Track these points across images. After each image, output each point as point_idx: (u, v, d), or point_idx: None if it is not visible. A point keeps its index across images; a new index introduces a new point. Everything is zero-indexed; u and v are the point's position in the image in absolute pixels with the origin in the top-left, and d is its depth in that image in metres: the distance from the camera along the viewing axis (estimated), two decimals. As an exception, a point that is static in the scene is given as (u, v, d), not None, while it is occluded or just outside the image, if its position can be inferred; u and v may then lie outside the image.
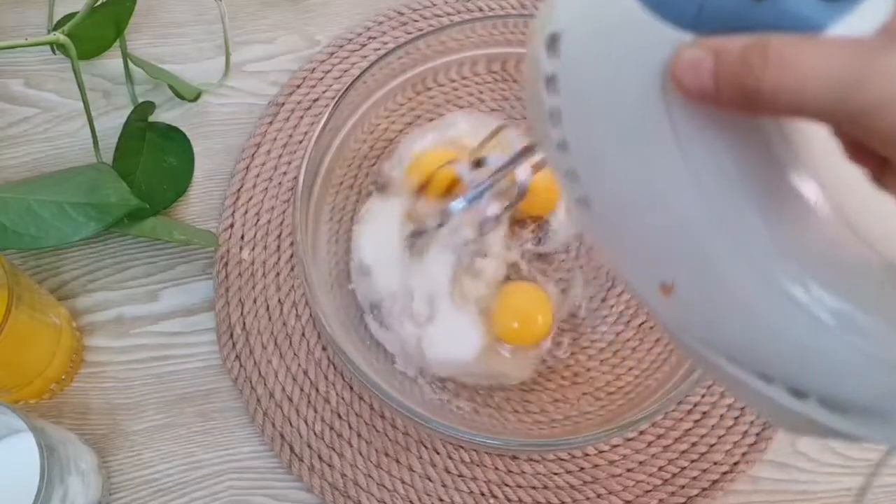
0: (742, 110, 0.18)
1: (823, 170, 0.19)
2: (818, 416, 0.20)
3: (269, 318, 0.45)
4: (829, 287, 0.19)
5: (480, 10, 0.53)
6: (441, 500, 0.42)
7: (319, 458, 0.43)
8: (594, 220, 0.22)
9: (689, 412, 0.44)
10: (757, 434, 0.43)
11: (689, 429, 0.43)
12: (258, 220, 0.47)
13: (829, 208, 0.19)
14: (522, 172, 0.37)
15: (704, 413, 0.44)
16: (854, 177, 0.19)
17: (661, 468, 0.42)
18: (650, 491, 0.42)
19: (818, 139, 0.19)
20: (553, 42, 0.21)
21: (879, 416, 0.19)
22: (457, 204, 0.39)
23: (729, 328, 0.20)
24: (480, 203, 0.39)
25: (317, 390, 0.44)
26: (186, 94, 0.49)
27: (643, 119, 0.19)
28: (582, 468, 0.43)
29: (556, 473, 0.43)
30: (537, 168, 0.37)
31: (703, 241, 0.19)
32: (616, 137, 0.20)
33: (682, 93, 0.18)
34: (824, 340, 0.19)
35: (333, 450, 0.43)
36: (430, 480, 0.42)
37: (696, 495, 0.42)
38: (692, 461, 0.43)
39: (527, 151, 0.34)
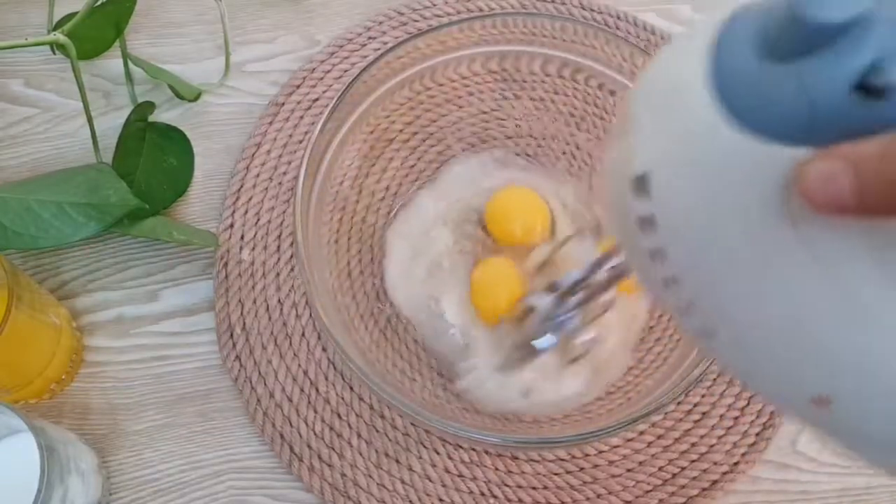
0: (891, 215, 0.16)
1: None
2: None
3: (269, 318, 0.45)
4: None
5: (480, 10, 0.53)
6: (441, 500, 0.42)
7: (319, 458, 0.43)
8: (723, 349, 0.21)
9: (689, 412, 0.44)
10: (757, 434, 0.43)
11: (689, 429, 0.43)
12: (258, 220, 0.47)
13: None
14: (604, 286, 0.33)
15: (704, 413, 0.44)
16: None
17: (661, 468, 0.42)
18: (650, 491, 0.42)
19: None
20: (642, 184, 0.20)
21: None
22: (545, 341, 0.36)
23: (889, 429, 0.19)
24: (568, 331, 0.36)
25: (317, 390, 0.44)
26: (186, 94, 0.49)
27: (767, 243, 0.18)
28: (582, 468, 0.43)
29: (556, 473, 0.43)
30: (616, 274, 0.32)
31: (856, 351, 0.18)
32: (738, 265, 0.19)
33: (817, 210, 0.16)
34: None
35: (333, 450, 0.43)
36: (430, 480, 0.42)
37: (696, 495, 0.42)
38: (692, 461, 0.43)
39: (603, 261, 0.31)
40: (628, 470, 0.42)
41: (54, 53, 0.52)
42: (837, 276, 0.17)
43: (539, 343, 0.36)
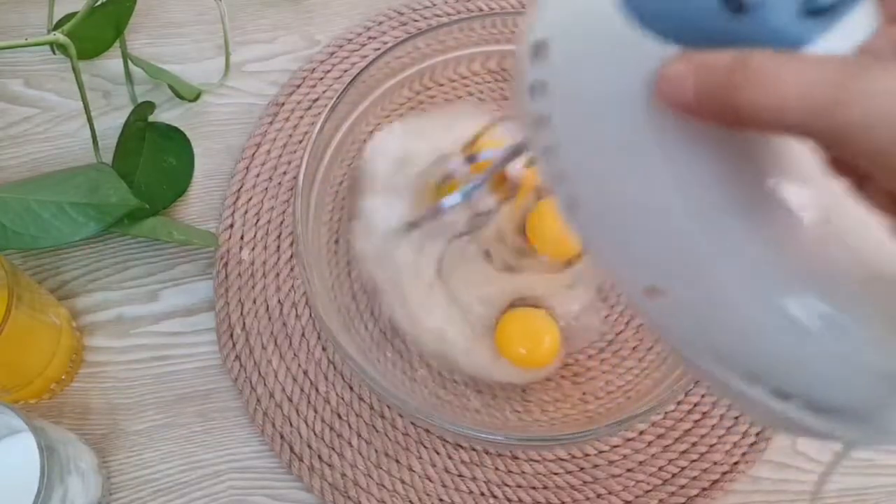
0: (723, 125, 0.18)
1: (809, 179, 0.20)
2: (801, 417, 0.20)
3: (269, 318, 0.45)
4: (815, 293, 0.19)
5: (480, 10, 0.53)
6: (441, 500, 0.42)
7: (319, 458, 0.43)
8: (582, 222, 0.22)
9: (689, 412, 0.44)
10: (757, 434, 0.43)
11: (689, 429, 0.43)
12: (258, 220, 0.47)
13: (816, 217, 0.19)
14: (515, 167, 0.37)
15: (704, 413, 0.44)
16: (838, 188, 0.19)
17: (661, 468, 0.42)
18: (650, 491, 0.42)
19: (803, 150, 0.19)
20: (539, 49, 0.21)
21: (860, 418, 0.20)
22: (450, 199, 0.38)
23: (715, 332, 0.20)
24: (473, 198, 0.38)
25: (317, 390, 0.44)
26: (186, 94, 0.49)
27: (630, 127, 0.19)
28: (582, 468, 0.43)
29: (556, 473, 0.43)
30: (530, 164, 0.37)
31: (688, 248, 0.20)
32: (604, 144, 0.20)
33: (665, 105, 0.18)
34: (810, 346, 0.19)
35: (333, 450, 0.43)
36: (430, 480, 0.42)
37: (696, 495, 0.42)
38: (692, 461, 0.43)
39: (520, 148, 0.34)
40: (628, 470, 0.42)
41: (54, 53, 0.52)
42: (679, 173, 0.19)
43: (446, 200, 0.38)
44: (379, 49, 0.51)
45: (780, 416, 0.21)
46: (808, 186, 0.20)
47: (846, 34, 0.18)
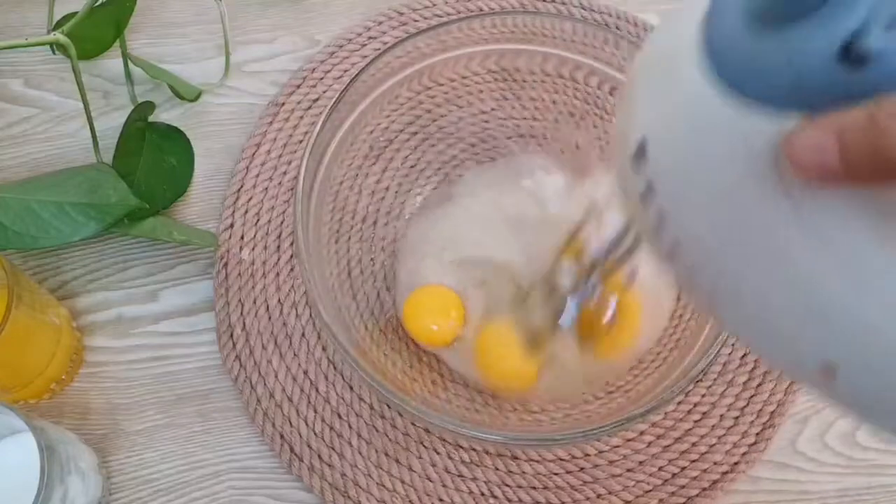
0: (879, 182, 0.16)
1: None
2: None
3: (269, 318, 0.45)
4: None
5: (480, 10, 0.53)
6: (441, 500, 0.42)
7: (319, 458, 0.43)
8: (722, 315, 0.21)
9: (689, 412, 0.44)
10: (757, 434, 0.43)
11: (689, 429, 0.43)
12: (258, 220, 0.47)
13: None
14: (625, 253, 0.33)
15: (704, 413, 0.43)
16: None
17: (661, 468, 0.42)
18: (650, 491, 0.42)
19: None
20: (640, 151, 0.20)
21: None
22: (566, 318, 0.36)
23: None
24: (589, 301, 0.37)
25: (317, 390, 0.44)
26: (186, 94, 0.49)
27: (762, 213, 0.18)
28: (582, 468, 0.43)
29: (556, 473, 0.43)
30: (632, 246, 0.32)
31: (856, 319, 0.18)
32: (735, 235, 0.19)
33: (806, 177, 0.17)
34: None
35: (333, 450, 0.43)
36: (430, 480, 0.42)
37: (696, 495, 0.42)
38: (692, 461, 0.43)
39: (623, 234, 0.31)
40: (628, 470, 0.42)
41: (54, 53, 0.52)
42: (833, 243, 0.17)
43: (563, 321, 0.36)
44: (379, 49, 0.51)
45: None
46: None
47: None
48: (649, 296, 0.42)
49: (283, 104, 0.50)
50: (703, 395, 0.44)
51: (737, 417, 0.43)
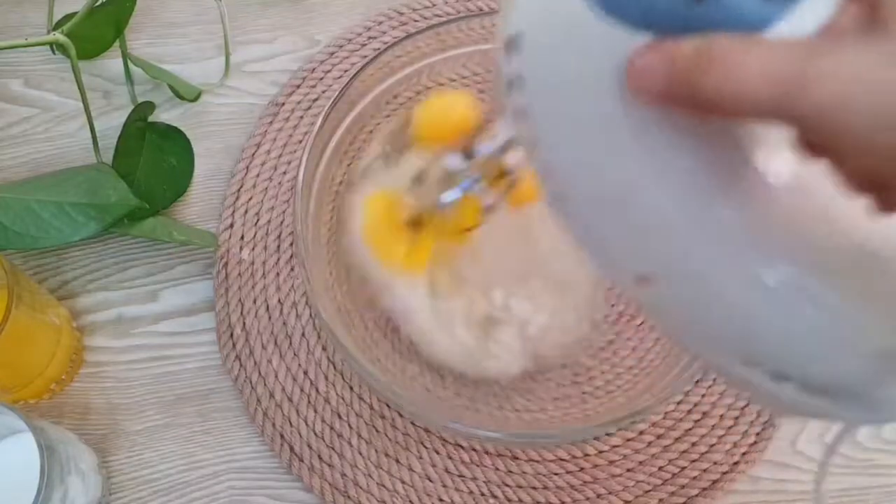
0: (694, 112, 0.18)
1: (785, 160, 0.20)
2: (799, 398, 0.20)
3: (269, 318, 0.45)
4: (800, 269, 0.19)
5: (480, 10, 0.53)
6: (441, 500, 0.42)
7: (319, 458, 0.43)
8: (568, 215, 0.22)
9: (689, 412, 0.44)
10: (757, 434, 0.43)
11: (689, 429, 0.43)
12: (258, 220, 0.47)
13: (795, 196, 0.20)
14: (513, 160, 0.36)
15: (704, 413, 0.43)
16: (814, 167, 0.19)
17: (661, 468, 0.42)
18: (650, 491, 0.42)
19: (779, 134, 0.19)
20: (513, 43, 0.21)
21: (856, 397, 0.20)
22: (449, 195, 0.38)
23: (709, 317, 0.21)
24: (472, 192, 0.38)
25: (317, 390, 0.44)
26: (186, 94, 0.49)
27: (606, 118, 0.20)
28: (582, 468, 0.43)
29: (556, 473, 0.43)
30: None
31: (672, 234, 0.20)
32: (582, 136, 0.21)
33: (637, 96, 0.19)
34: (799, 325, 0.19)
35: (333, 450, 0.43)
36: (430, 480, 0.42)
37: (696, 495, 0.42)
38: (692, 461, 0.43)
39: (513, 141, 0.33)
40: (628, 470, 0.42)
41: (54, 53, 0.52)
42: (655, 160, 0.19)
43: (445, 195, 0.37)
44: (379, 49, 0.51)
45: (780, 398, 0.21)
46: (785, 165, 0.20)
47: (805, 16, 0.18)
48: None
49: (283, 104, 0.50)
50: (703, 395, 0.44)
51: (737, 417, 0.43)
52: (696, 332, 0.21)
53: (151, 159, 0.48)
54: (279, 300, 0.46)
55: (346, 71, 0.51)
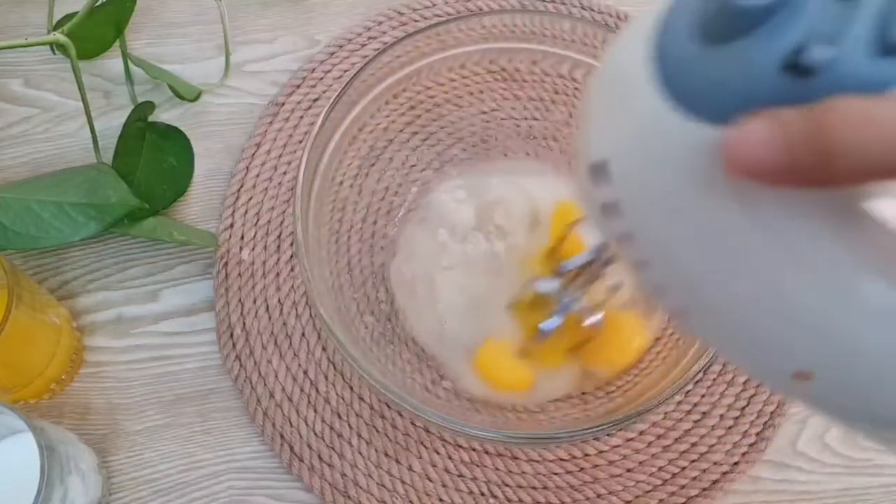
0: (814, 182, 0.16)
1: None
2: None
3: (269, 318, 0.45)
4: None
5: (480, 9, 0.53)
6: (441, 500, 0.42)
7: (319, 458, 0.43)
8: (698, 325, 0.21)
9: (689, 412, 0.44)
10: (757, 434, 0.43)
11: (689, 429, 0.43)
12: (258, 220, 0.47)
13: None
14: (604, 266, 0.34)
15: (704, 413, 0.43)
16: None
17: (661, 468, 0.42)
18: (650, 491, 0.42)
19: None
20: (601, 170, 0.20)
21: None
22: (550, 323, 0.37)
23: (875, 398, 0.19)
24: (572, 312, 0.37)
25: (317, 390, 0.44)
26: (186, 94, 0.49)
27: (721, 222, 0.18)
28: (582, 468, 0.43)
29: (556, 473, 0.43)
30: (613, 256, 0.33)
31: (825, 317, 0.18)
32: (697, 245, 0.19)
33: (742, 172, 0.16)
34: None
35: (333, 450, 0.43)
36: (430, 480, 0.42)
37: (696, 495, 0.42)
38: (692, 461, 0.43)
39: (605, 247, 0.31)
40: (628, 470, 0.42)
41: (54, 53, 0.52)
42: (792, 248, 0.17)
43: (545, 325, 0.36)
44: (379, 49, 0.51)
45: None
46: None
47: None
48: (636, 311, 0.42)
49: (283, 104, 0.50)
50: (703, 395, 0.44)
51: (737, 417, 0.43)
52: (859, 413, 0.20)
53: (151, 159, 0.48)
54: (279, 300, 0.46)
55: (346, 71, 0.51)
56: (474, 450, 0.43)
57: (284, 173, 0.49)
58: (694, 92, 0.17)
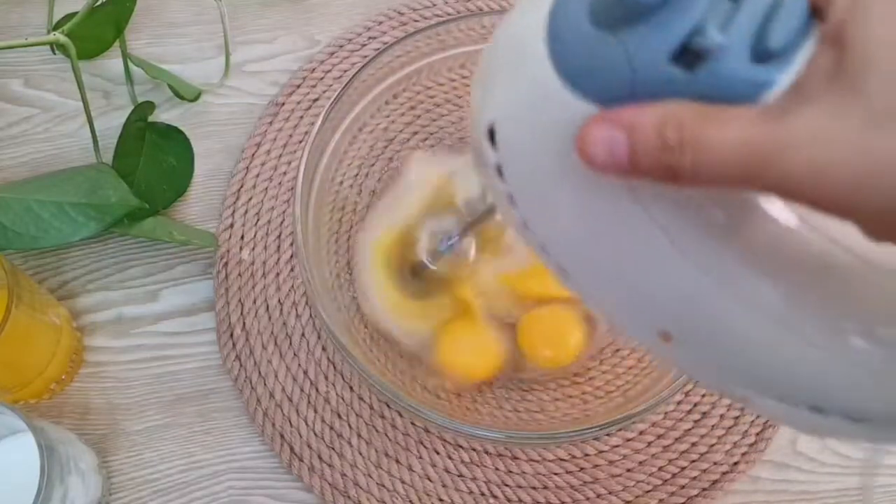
0: (665, 182, 0.17)
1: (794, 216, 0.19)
2: (841, 427, 0.20)
3: (269, 318, 0.45)
4: (821, 311, 0.19)
5: (480, 9, 0.53)
6: (441, 500, 0.42)
7: (319, 458, 0.43)
8: (575, 285, 0.22)
9: (689, 412, 0.44)
10: (757, 434, 0.43)
11: (689, 429, 0.43)
12: (258, 220, 0.47)
13: (809, 230, 0.19)
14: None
15: (704, 413, 0.44)
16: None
17: (661, 468, 0.42)
18: (650, 491, 0.42)
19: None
20: (490, 134, 0.21)
21: (892, 422, 0.20)
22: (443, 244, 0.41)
23: (735, 365, 0.20)
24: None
25: (317, 390, 0.44)
26: (186, 94, 0.49)
27: (591, 191, 0.19)
28: (582, 468, 0.43)
29: (556, 473, 0.43)
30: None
31: (688, 290, 0.19)
32: (573, 213, 0.20)
33: (593, 169, 0.17)
34: (831, 364, 0.19)
35: (333, 450, 0.43)
36: (430, 480, 0.42)
37: (696, 495, 0.42)
38: (692, 461, 0.43)
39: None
40: (628, 470, 0.42)
41: (54, 53, 0.52)
42: (658, 222, 0.19)
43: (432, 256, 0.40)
44: (379, 49, 0.51)
45: (821, 426, 0.20)
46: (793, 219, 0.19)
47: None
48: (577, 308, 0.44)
49: (283, 104, 0.50)
50: (703, 395, 0.44)
51: (737, 417, 0.43)
52: (723, 377, 0.21)
53: (151, 159, 0.48)
54: (279, 300, 0.46)
55: (346, 71, 0.51)
56: (474, 450, 0.43)
57: (284, 173, 0.49)
58: (583, 73, 0.18)
